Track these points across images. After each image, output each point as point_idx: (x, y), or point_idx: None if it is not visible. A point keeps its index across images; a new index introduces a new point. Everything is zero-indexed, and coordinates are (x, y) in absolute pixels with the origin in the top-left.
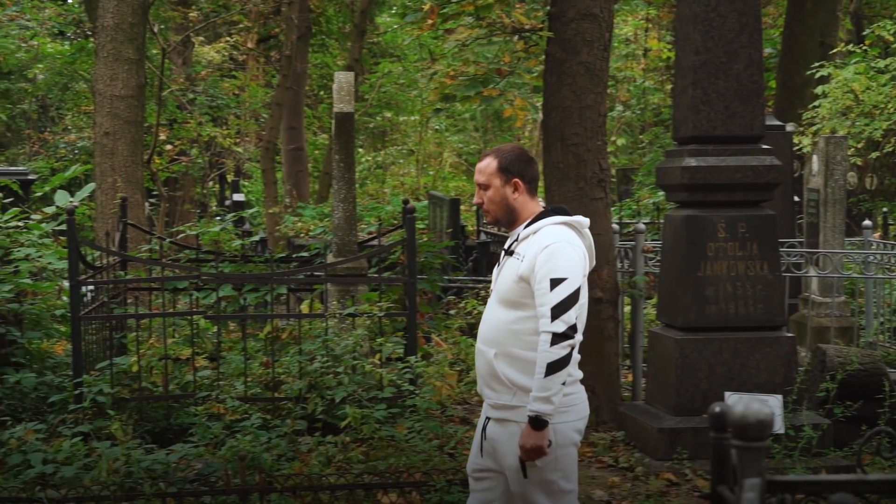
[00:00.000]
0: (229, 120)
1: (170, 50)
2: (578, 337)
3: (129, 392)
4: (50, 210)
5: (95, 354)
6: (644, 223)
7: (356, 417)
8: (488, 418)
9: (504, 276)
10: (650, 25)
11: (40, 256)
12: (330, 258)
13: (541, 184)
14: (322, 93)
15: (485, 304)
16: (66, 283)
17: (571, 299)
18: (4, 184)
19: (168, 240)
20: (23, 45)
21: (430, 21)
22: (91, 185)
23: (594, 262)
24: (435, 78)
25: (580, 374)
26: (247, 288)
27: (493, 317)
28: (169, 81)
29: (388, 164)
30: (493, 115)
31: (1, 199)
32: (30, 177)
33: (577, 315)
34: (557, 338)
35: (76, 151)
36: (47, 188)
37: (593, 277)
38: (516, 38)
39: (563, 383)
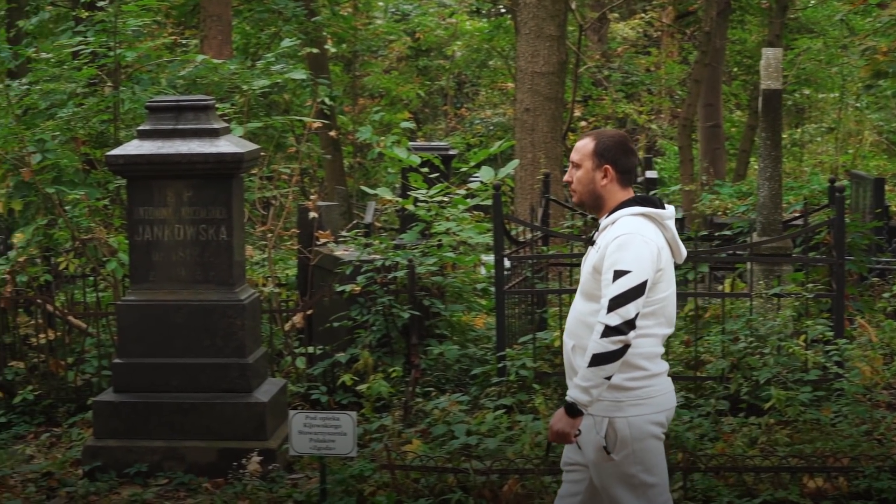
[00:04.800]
0: (642, 96)
1: (586, 27)
2: (653, 331)
3: (551, 367)
4: (474, 185)
5: (516, 328)
6: None
7: (781, 399)
8: None
9: (584, 266)
10: None
11: (460, 230)
12: (754, 237)
13: None
14: (736, 69)
15: None
16: (484, 258)
17: (633, 293)
18: (427, 158)
19: (590, 216)
20: (442, 22)
21: None
22: (514, 162)
23: (685, 253)
24: (866, 54)
25: (661, 368)
26: None
27: (575, 309)
28: (585, 58)
29: (804, 142)
30: None
31: (426, 174)
32: (450, 152)
33: (658, 308)
34: (609, 331)
35: (491, 127)
36: (472, 163)
37: None
38: None
39: (608, 378)
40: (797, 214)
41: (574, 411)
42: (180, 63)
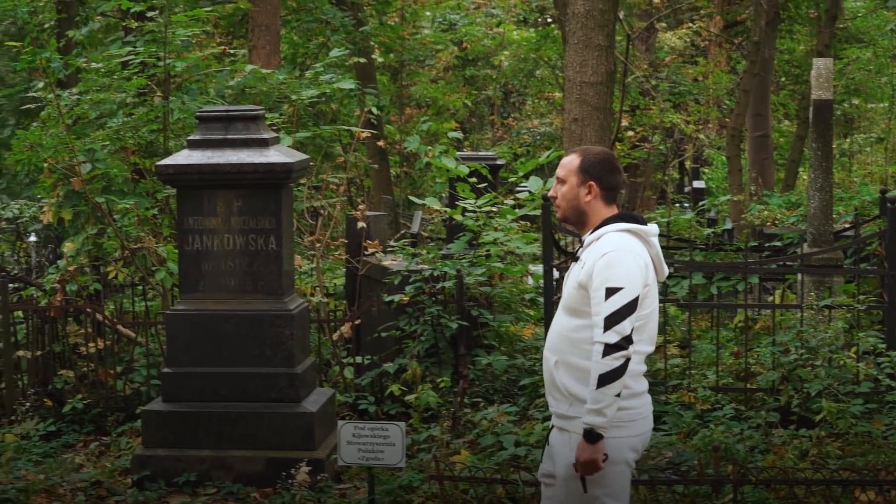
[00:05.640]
0: (689, 106)
1: (634, 36)
2: (636, 348)
3: None
4: (522, 195)
5: None
6: None
7: (832, 411)
8: (553, 425)
9: (568, 282)
10: None
11: (508, 240)
12: (805, 248)
13: None
14: (784, 79)
15: None
16: (532, 268)
17: (627, 309)
18: (475, 168)
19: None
20: (489, 31)
21: None
22: None
23: (666, 272)
24: None
25: (643, 387)
26: (717, 277)
27: (557, 324)
28: (633, 68)
29: (853, 153)
30: None
31: (474, 184)
32: (498, 162)
33: (641, 325)
34: (609, 349)
35: (538, 137)
36: (520, 173)
37: None
38: None
39: (618, 395)
40: (848, 225)
41: (593, 437)
42: (229, 73)
